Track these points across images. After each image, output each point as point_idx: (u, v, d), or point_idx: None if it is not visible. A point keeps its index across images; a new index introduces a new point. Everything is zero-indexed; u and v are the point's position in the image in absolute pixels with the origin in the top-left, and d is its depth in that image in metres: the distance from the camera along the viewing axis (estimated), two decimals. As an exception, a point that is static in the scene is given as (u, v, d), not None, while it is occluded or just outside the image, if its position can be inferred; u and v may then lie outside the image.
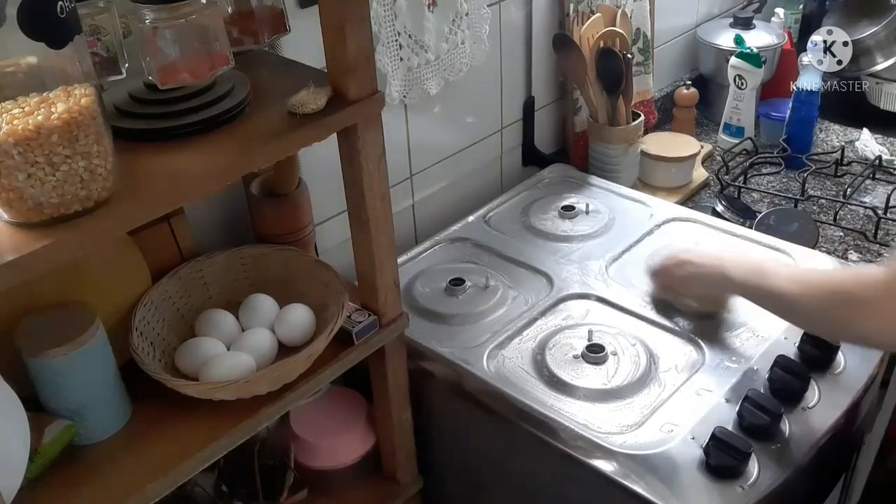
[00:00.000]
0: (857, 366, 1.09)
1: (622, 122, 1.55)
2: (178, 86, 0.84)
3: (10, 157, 0.66)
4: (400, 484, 1.19)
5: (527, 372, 1.10)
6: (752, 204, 1.57)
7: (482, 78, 1.46)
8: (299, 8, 1.11)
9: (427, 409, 1.18)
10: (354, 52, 0.85)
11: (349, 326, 1.00)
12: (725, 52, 1.81)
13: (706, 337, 1.13)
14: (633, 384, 1.06)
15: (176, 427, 0.90)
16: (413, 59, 1.28)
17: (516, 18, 1.49)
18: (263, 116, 0.87)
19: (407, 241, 1.43)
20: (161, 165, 0.79)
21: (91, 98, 0.70)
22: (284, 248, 1.09)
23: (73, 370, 0.84)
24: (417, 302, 1.24)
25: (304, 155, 1.10)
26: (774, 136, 1.77)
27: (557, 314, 1.20)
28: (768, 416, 0.97)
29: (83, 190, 0.70)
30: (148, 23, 0.80)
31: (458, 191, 1.52)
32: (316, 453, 1.17)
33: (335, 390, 1.22)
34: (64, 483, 0.84)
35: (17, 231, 0.69)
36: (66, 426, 0.85)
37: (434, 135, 1.43)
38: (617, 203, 1.47)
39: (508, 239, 1.38)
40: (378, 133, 0.92)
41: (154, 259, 1.01)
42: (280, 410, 0.95)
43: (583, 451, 0.98)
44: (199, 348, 0.96)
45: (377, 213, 0.96)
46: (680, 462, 0.95)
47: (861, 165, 1.67)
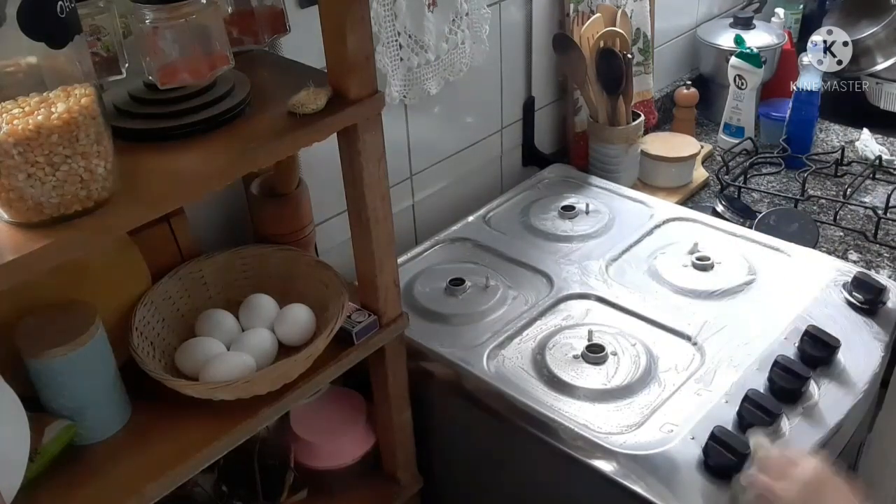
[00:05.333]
0: (857, 366, 1.09)
1: (622, 122, 1.55)
2: (178, 86, 0.84)
3: (10, 157, 0.66)
4: (400, 484, 1.19)
5: (527, 372, 1.10)
6: (752, 204, 1.57)
7: (482, 78, 1.46)
8: (299, 8, 1.11)
9: (427, 409, 1.18)
10: (354, 52, 0.85)
11: (349, 326, 1.00)
12: (725, 52, 1.81)
13: (706, 337, 1.13)
14: (633, 384, 1.06)
15: (176, 427, 0.90)
16: (413, 59, 1.28)
17: (516, 18, 1.49)
18: (263, 116, 0.87)
19: (407, 241, 1.43)
20: (161, 165, 0.79)
21: (91, 98, 0.70)
22: (284, 248, 1.09)
23: (73, 370, 0.84)
24: (417, 302, 1.24)
25: (304, 155, 1.10)
26: (774, 136, 1.77)
27: (557, 314, 1.20)
28: (768, 416, 0.97)
29: (83, 190, 0.70)
30: (148, 23, 0.80)
31: (458, 191, 1.52)
32: (316, 453, 1.17)
33: (335, 390, 1.22)
34: (64, 483, 0.84)
35: (17, 231, 0.69)
36: (66, 426, 0.85)
37: (434, 135, 1.43)
38: (617, 203, 1.47)
39: (508, 239, 1.38)
40: (378, 133, 0.92)
41: (154, 259, 1.01)
42: (280, 410, 0.95)
43: (583, 451, 0.99)
44: (199, 348, 0.96)
45: (377, 213, 0.96)
46: (680, 462, 0.95)
47: (861, 165, 1.67)
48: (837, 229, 1.48)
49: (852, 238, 1.46)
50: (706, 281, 1.24)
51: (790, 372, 1.03)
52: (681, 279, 1.24)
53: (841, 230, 1.48)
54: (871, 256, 1.41)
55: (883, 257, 1.40)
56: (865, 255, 1.41)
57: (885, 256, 1.40)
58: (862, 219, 1.51)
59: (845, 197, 1.54)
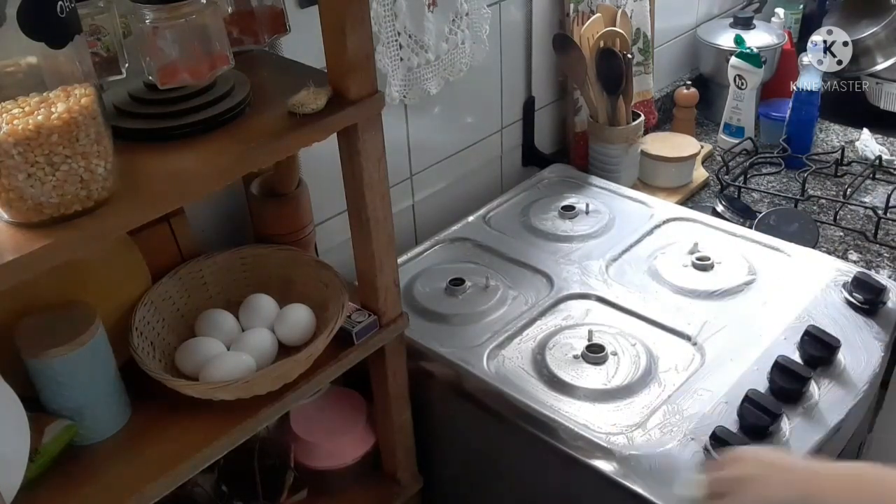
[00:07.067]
0: (857, 366, 1.09)
1: (622, 122, 1.55)
2: (178, 86, 0.84)
3: (10, 157, 0.66)
4: (400, 484, 1.19)
5: (527, 372, 1.10)
6: (752, 204, 1.57)
7: (482, 78, 1.46)
8: (299, 8, 1.11)
9: (427, 409, 1.18)
10: (354, 52, 0.85)
11: (349, 326, 1.00)
12: (725, 52, 1.81)
13: (706, 337, 1.13)
14: (633, 384, 1.06)
15: (176, 427, 0.90)
16: (413, 59, 1.28)
17: (516, 18, 1.49)
18: (263, 116, 0.87)
19: (407, 241, 1.43)
20: (161, 165, 0.79)
21: (91, 98, 0.70)
22: (284, 248, 1.09)
23: (73, 370, 0.84)
24: (417, 302, 1.24)
25: (304, 155, 1.10)
26: (774, 136, 1.77)
27: (557, 314, 1.20)
28: (768, 416, 0.97)
29: (83, 190, 0.70)
30: (148, 23, 0.80)
31: (458, 191, 1.52)
32: (316, 453, 1.17)
33: (335, 390, 1.22)
34: (64, 483, 0.84)
35: (17, 231, 0.69)
36: (66, 426, 0.85)
37: (434, 135, 1.43)
38: (617, 203, 1.47)
39: (508, 239, 1.38)
40: (378, 133, 0.92)
41: (154, 259, 1.01)
42: (280, 410, 0.95)
43: (583, 451, 0.99)
44: (199, 348, 0.96)
45: (377, 213, 0.96)
46: (680, 462, 0.95)
47: (861, 165, 1.67)
48: (837, 229, 1.48)
49: (852, 238, 1.46)
50: (706, 281, 1.24)
51: (790, 372, 1.03)
52: (681, 279, 1.24)
53: (841, 230, 1.48)
54: (871, 256, 1.41)
55: (883, 257, 1.40)
56: (865, 255, 1.41)
57: (885, 256, 1.40)
58: (862, 219, 1.51)
59: (845, 197, 1.54)
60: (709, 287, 1.23)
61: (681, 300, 1.21)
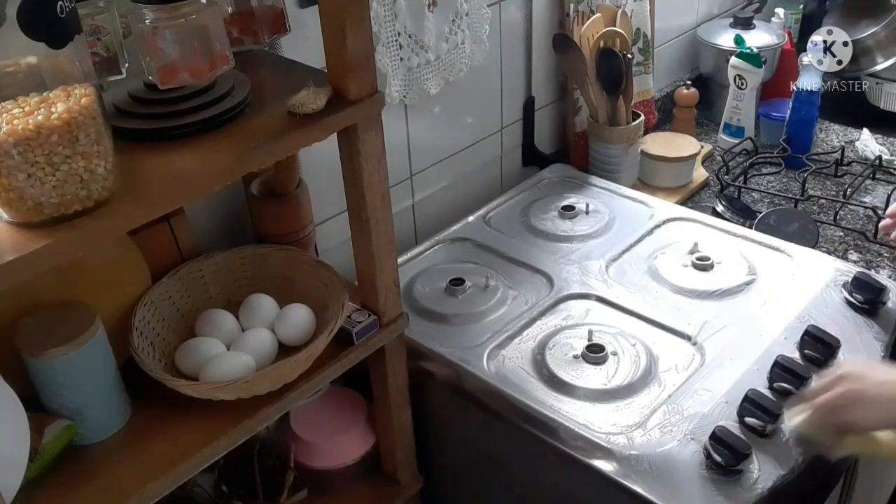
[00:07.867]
0: (857, 366, 1.09)
1: (622, 122, 1.55)
2: (178, 86, 0.84)
3: (10, 157, 0.66)
4: (400, 484, 1.19)
5: (527, 372, 1.10)
6: (752, 204, 1.57)
7: (482, 78, 1.46)
8: (299, 8, 1.11)
9: (427, 409, 1.18)
10: (354, 52, 0.85)
11: (349, 326, 1.00)
12: (725, 52, 1.81)
13: (706, 337, 1.13)
14: (633, 384, 1.06)
15: (176, 427, 0.90)
16: (413, 59, 1.28)
17: (516, 18, 1.49)
18: (263, 116, 0.87)
19: (407, 241, 1.43)
20: (161, 165, 0.79)
21: (91, 98, 0.70)
22: (284, 248, 1.09)
23: (73, 370, 0.84)
24: (417, 302, 1.24)
25: (304, 155, 1.10)
26: (774, 136, 1.77)
27: (557, 314, 1.20)
28: (768, 415, 0.97)
29: (83, 190, 0.70)
30: (148, 23, 0.80)
31: (458, 191, 1.52)
32: (316, 453, 1.17)
33: (335, 390, 1.22)
34: (64, 483, 0.84)
35: (17, 231, 0.69)
36: (66, 426, 0.85)
37: (434, 135, 1.43)
38: (617, 203, 1.47)
39: (508, 239, 1.38)
40: (378, 133, 0.92)
41: (154, 259, 1.01)
42: (280, 410, 0.95)
43: (583, 451, 0.98)
44: (199, 348, 0.96)
45: (377, 213, 0.96)
46: (680, 462, 0.95)
47: (861, 165, 1.67)
48: (837, 229, 1.48)
49: (852, 238, 1.46)
50: (706, 281, 1.24)
51: (790, 372, 1.03)
52: (681, 279, 1.24)
53: (841, 230, 1.48)
54: (871, 256, 1.41)
55: (883, 257, 1.40)
56: (865, 255, 1.41)
57: (885, 256, 1.40)
58: (862, 219, 1.51)
59: (845, 197, 1.54)
60: (709, 287, 1.23)
61: (681, 300, 1.21)
